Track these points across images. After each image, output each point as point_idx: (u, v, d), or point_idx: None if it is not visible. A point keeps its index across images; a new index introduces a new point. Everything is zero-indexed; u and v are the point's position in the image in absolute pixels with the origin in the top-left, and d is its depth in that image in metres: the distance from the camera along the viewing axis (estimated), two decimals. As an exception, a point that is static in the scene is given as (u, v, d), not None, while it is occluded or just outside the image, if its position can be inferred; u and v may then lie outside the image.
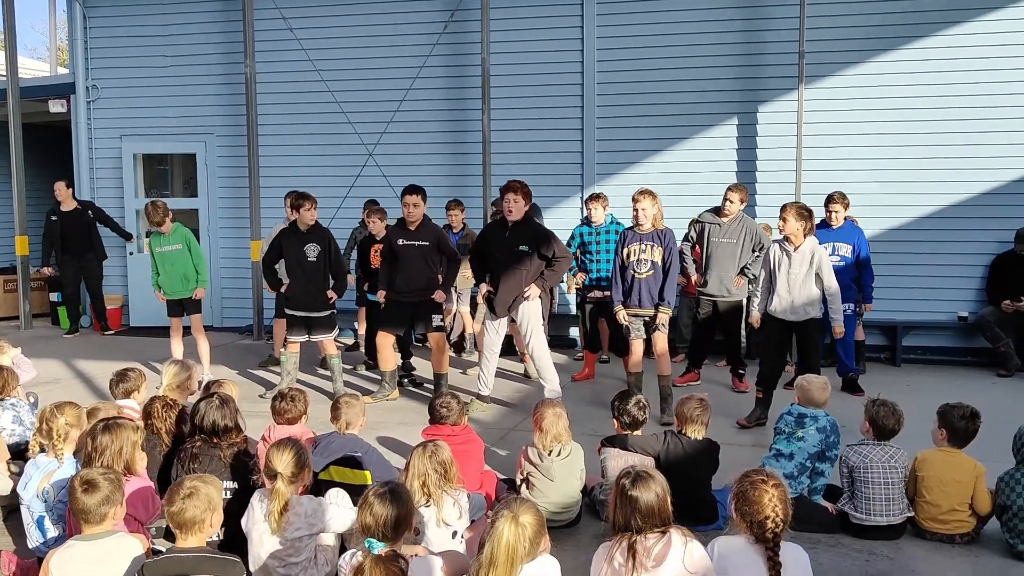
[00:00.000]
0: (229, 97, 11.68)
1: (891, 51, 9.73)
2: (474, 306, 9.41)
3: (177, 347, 8.45)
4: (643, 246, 7.14)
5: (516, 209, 7.25)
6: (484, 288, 7.49)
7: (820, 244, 8.01)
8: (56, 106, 12.35)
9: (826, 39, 9.83)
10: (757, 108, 10.16)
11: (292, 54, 11.29)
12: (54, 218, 11.52)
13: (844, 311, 7.90)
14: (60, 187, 11.56)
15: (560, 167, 10.73)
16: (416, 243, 7.73)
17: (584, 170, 10.66)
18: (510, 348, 9.49)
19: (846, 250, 8.19)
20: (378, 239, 8.54)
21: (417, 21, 11.05)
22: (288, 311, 7.97)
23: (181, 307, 8.52)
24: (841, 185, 9.74)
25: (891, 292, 9.60)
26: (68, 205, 11.58)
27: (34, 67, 18.69)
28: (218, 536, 4.19)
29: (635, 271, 7.15)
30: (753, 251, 8.20)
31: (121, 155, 12.24)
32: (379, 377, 8.10)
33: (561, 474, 4.94)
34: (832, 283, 6.88)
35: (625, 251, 7.22)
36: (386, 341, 7.84)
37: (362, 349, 9.67)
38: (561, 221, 10.59)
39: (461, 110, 11.02)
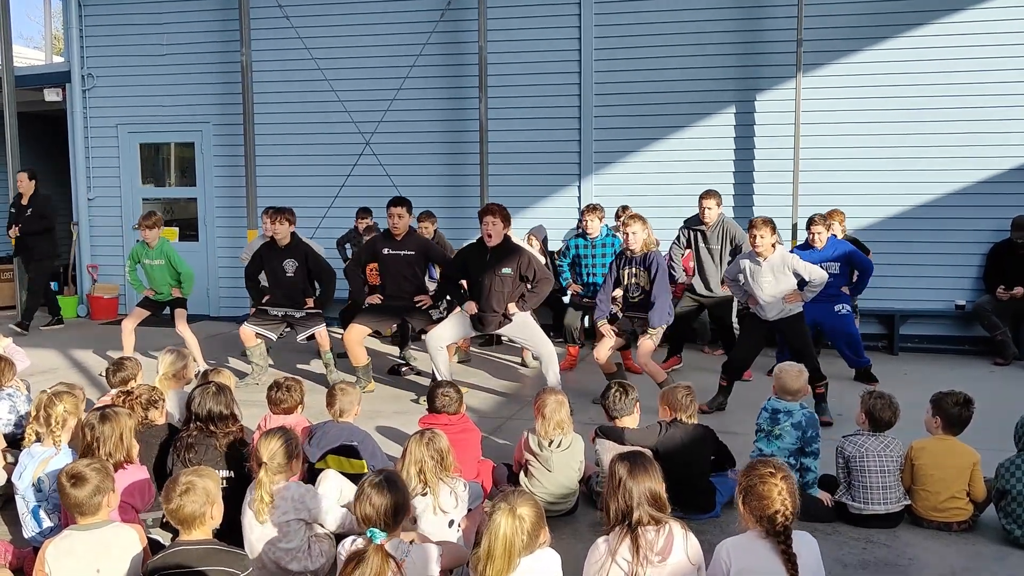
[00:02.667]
0: (225, 86, 11.64)
1: (889, 40, 9.70)
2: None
3: (128, 338, 8.39)
4: (633, 270, 7.20)
5: (495, 233, 7.12)
6: (472, 305, 7.28)
7: None
8: (52, 95, 12.29)
9: (825, 27, 9.80)
10: (755, 97, 10.12)
11: (288, 42, 11.24)
12: (13, 210, 11.00)
13: (839, 310, 7.93)
14: (22, 178, 10.91)
15: (557, 155, 10.69)
16: (402, 252, 7.80)
17: (581, 159, 10.63)
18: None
19: (834, 267, 8.03)
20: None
21: (414, 9, 11.00)
22: (264, 307, 8.09)
23: (159, 308, 8.59)
24: (838, 173, 9.78)
25: (889, 281, 9.60)
26: (28, 199, 10.88)
27: (29, 56, 18.62)
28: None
29: (630, 295, 7.24)
30: (732, 254, 8.22)
31: (118, 144, 12.22)
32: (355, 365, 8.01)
33: (559, 465, 4.94)
34: (815, 276, 6.86)
35: (622, 273, 7.25)
36: (356, 337, 7.78)
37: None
38: (557, 210, 10.62)
39: (458, 98, 10.97)
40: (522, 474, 5.03)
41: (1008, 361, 8.99)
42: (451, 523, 4.13)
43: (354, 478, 4.89)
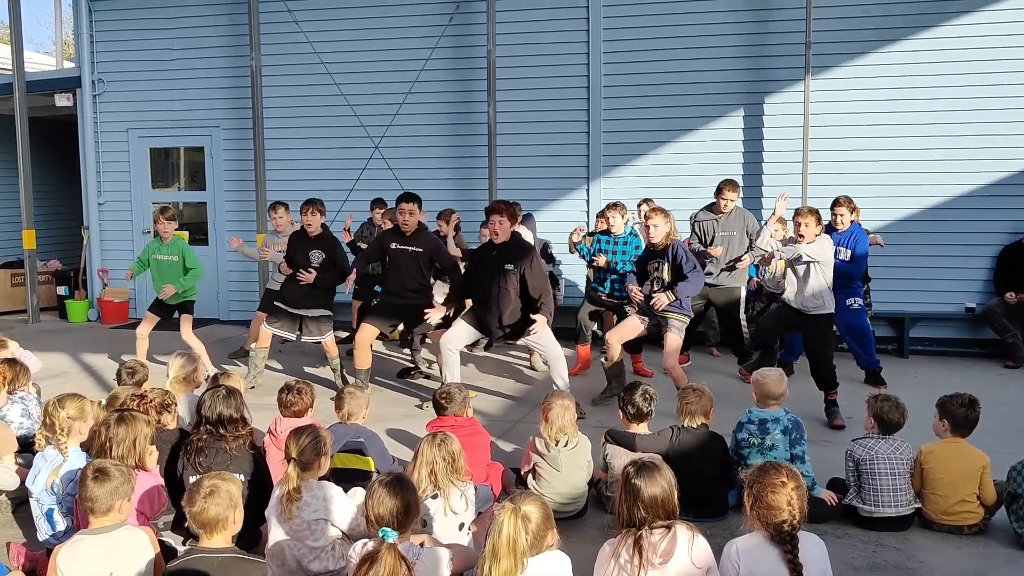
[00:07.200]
0: (235, 90, 11.68)
1: (898, 42, 9.68)
2: None
3: (142, 343, 8.39)
4: (655, 263, 7.19)
5: (502, 231, 7.07)
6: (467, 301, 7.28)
7: None
8: (62, 100, 12.36)
9: (833, 30, 9.79)
10: (763, 99, 10.12)
11: (297, 46, 11.29)
12: None
13: (851, 304, 7.89)
14: None
15: (566, 159, 10.71)
16: (410, 248, 7.72)
17: (590, 161, 10.63)
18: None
19: (846, 254, 8.03)
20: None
21: (422, 13, 11.03)
22: (278, 303, 8.05)
23: (169, 311, 8.55)
24: (847, 176, 9.76)
25: (898, 284, 9.58)
26: None
27: (40, 61, 18.70)
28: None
29: (652, 289, 7.19)
30: (749, 244, 8.24)
31: (128, 148, 12.27)
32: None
33: (568, 464, 4.95)
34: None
35: (649, 267, 7.24)
36: (366, 338, 7.73)
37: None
38: (566, 213, 10.62)
39: (467, 102, 11.00)
40: (530, 477, 5.04)
41: (1018, 364, 8.95)
42: (461, 526, 4.14)
43: (362, 474, 4.91)
